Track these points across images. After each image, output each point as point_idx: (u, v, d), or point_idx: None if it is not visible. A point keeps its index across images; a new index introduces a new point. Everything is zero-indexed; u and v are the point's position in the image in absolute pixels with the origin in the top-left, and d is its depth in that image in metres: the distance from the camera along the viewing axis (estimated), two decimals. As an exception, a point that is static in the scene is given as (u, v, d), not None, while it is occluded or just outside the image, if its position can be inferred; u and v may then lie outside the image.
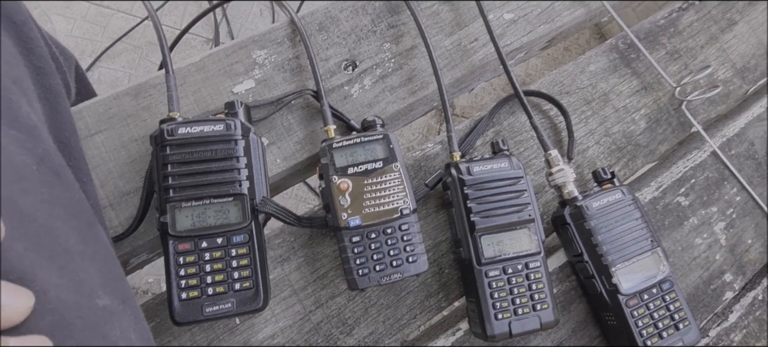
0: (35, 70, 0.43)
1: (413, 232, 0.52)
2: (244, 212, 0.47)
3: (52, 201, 0.34)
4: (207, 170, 0.47)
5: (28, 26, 0.43)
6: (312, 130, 0.58)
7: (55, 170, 0.36)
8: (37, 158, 0.35)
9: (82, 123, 0.53)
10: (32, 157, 0.34)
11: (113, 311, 0.34)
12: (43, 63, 0.44)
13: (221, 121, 0.48)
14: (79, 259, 0.33)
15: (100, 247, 0.37)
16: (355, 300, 0.56)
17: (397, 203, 0.52)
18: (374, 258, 0.51)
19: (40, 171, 0.34)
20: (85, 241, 0.35)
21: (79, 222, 0.36)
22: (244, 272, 0.47)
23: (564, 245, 0.60)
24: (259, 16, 1.69)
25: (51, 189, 0.34)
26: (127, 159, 0.53)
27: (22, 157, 0.33)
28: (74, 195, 0.37)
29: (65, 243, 0.33)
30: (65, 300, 0.30)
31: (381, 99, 0.61)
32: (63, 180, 0.36)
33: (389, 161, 0.52)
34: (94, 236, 0.37)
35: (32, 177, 0.33)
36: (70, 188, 0.37)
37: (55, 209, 0.34)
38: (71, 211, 0.35)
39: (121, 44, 1.67)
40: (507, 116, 0.66)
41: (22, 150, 0.34)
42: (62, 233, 0.33)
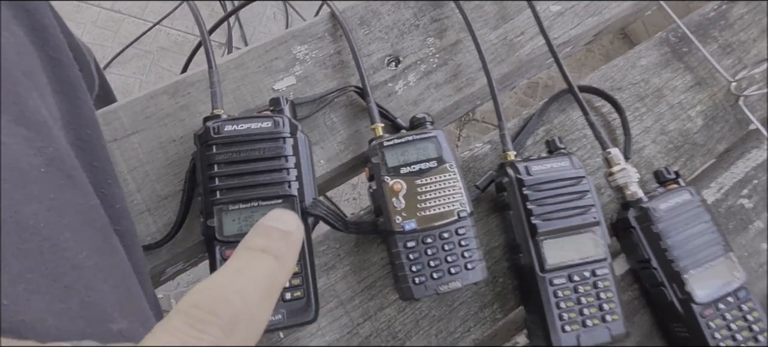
0: (50, 61, 0.40)
1: (470, 236, 0.50)
2: (295, 215, 0.45)
3: (61, 209, 0.31)
4: (255, 170, 0.44)
5: (41, 13, 0.40)
6: (356, 129, 0.56)
7: (68, 172, 0.33)
8: (46, 159, 0.32)
9: (118, 123, 0.51)
10: (41, 157, 0.31)
11: (131, 336, 0.30)
12: (59, 53, 0.41)
13: (268, 118, 0.46)
14: (90, 275, 0.30)
15: (118, 260, 0.34)
16: (405, 311, 0.53)
17: (453, 205, 0.49)
18: (431, 265, 0.48)
19: (49, 174, 0.31)
20: (99, 253, 0.32)
21: (93, 232, 0.32)
22: (295, 280, 0.44)
23: (626, 251, 0.57)
24: (273, 20, 1.68)
25: (61, 194, 0.31)
26: (164, 161, 0.51)
27: (29, 158, 0.30)
28: (88, 201, 0.34)
29: (74, 258, 0.29)
30: (69, 328, 0.27)
31: (426, 96, 0.59)
32: (76, 184, 0.33)
33: (443, 161, 0.50)
34: (110, 248, 0.34)
35: (39, 181, 0.30)
36: (83, 192, 0.34)
37: (65, 217, 0.30)
38: (84, 219, 0.32)
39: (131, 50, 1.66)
40: (557, 114, 0.64)
41: (29, 150, 0.31)
42: (71, 247, 0.30)
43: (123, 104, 0.51)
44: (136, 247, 0.42)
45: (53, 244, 0.29)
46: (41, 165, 0.31)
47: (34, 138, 0.32)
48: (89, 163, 0.40)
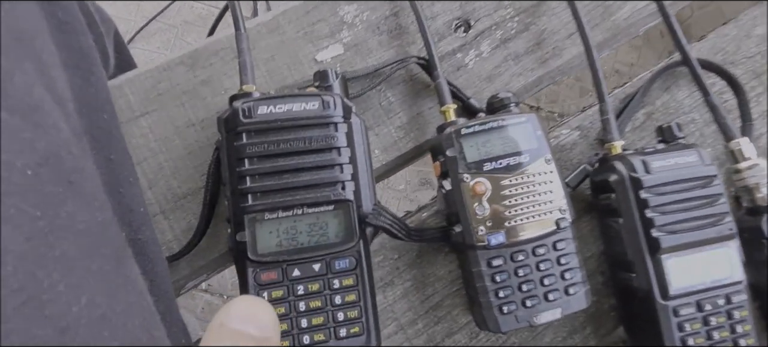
0: (58, 25, 0.30)
1: (572, 252, 0.38)
2: (351, 226, 0.34)
3: (54, 229, 0.21)
4: (298, 166, 0.33)
5: None
6: (418, 111, 0.44)
7: (67, 175, 0.23)
8: (37, 156, 0.21)
9: (123, 102, 0.40)
10: (29, 154, 0.21)
11: None
12: (69, 17, 0.31)
13: (315, 96, 0.35)
14: (90, 335, 0.20)
15: (134, 298, 0.24)
16: (478, 338, 0.42)
17: (551, 212, 0.37)
18: (523, 290, 0.37)
19: (40, 178, 0.21)
20: (108, 294, 0.22)
21: (100, 262, 0.22)
22: (352, 312, 0.33)
23: (754, 266, 0.44)
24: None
25: (54, 209, 0.21)
26: (182, 150, 0.40)
27: (9, 156, 0.20)
28: (95, 216, 0.23)
29: (68, 305, 0.20)
30: None
31: (503, 70, 0.47)
32: (78, 192, 0.23)
33: (538, 154, 0.38)
34: (123, 281, 0.23)
35: (21, 191, 0.20)
36: (87, 203, 0.23)
37: (56, 248, 0.20)
38: (86, 245, 0.22)
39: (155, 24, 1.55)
40: (659, 94, 0.51)
41: (11, 143, 0.21)
42: (62, 297, 0.20)
43: (129, 78, 0.40)
44: (160, 260, 0.32)
45: (38, 286, 0.19)
46: (28, 165, 0.21)
47: (18, 127, 0.21)
48: (105, 157, 0.31)
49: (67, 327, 0.19)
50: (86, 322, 0.20)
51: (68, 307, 0.20)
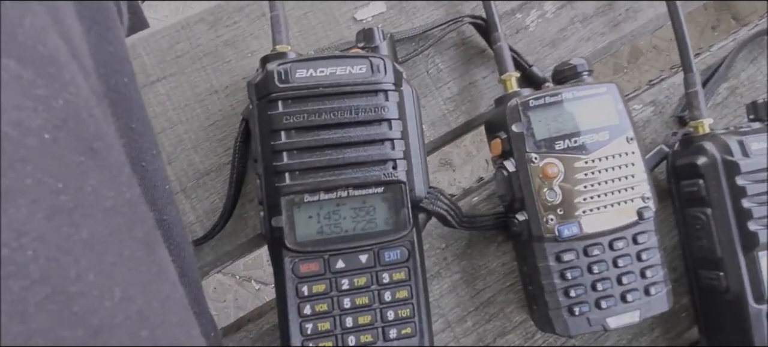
0: None
1: (654, 246, 0.33)
2: (403, 211, 0.29)
3: (78, 206, 0.17)
4: (343, 140, 0.29)
5: None
6: (471, 81, 0.39)
7: (88, 141, 0.19)
8: (55, 117, 0.17)
9: (137, 64, 0.35)
10: (44, 114, 0.17)
11: None
12: None
13: (362, 59, 0.30)
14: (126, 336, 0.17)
15: (169, 291, 0.20)
16: (534, 339, 0.38)
17: (633, 200, 0.33)
18: (597, 289, 0.32)
19: (59, 143, 0.17)
20: (143, 286, 0.18)
21: (132, 246, 0.18)
22: (403, 310, 0.29)
23: None
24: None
25: (78, 180, 0.17)
26: (204, 121, 0.35)
27: (22, 116, 0.17)
28: (122, 192, 0.19)
29: (100, 299, 0.16)
30: None
31: (569, 34, 0.41)
32: (103, 162, 0.19)
33: (619, 131, 0.33)
34: (157, 270, 0.20)
35: (38, 158, 0.16)
36: (114, 176, 0.19)
37: (84, 221, 0.17)
38: (116, 226, 0.18)
39: (162, -12, 1.50)
40: (744, 66, 0.45)
41: (24, 100, 0.17)
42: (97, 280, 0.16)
43: (143, 37, 0.36)
44: (186, 244, 0.29)
45: (54, 289, 0.15)
46: (45, 129, 0.17)
47: (32, 81, 0.17)
48: (126, 125, 0.27)
49: (101, 327, 0.16)
50: (122, 320, 0.16)
51: (100, 302, 0.16)
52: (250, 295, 1.10)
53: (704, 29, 1.49)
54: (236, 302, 1.16)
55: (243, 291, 1.13)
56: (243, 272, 1.20)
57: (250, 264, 1.14)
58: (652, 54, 1.50)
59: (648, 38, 1.51)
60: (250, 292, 1.10)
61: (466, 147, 1.15)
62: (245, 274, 1.17)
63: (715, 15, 1.52)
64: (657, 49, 1.50)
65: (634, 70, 1.44)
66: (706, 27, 1.50)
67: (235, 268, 1.19)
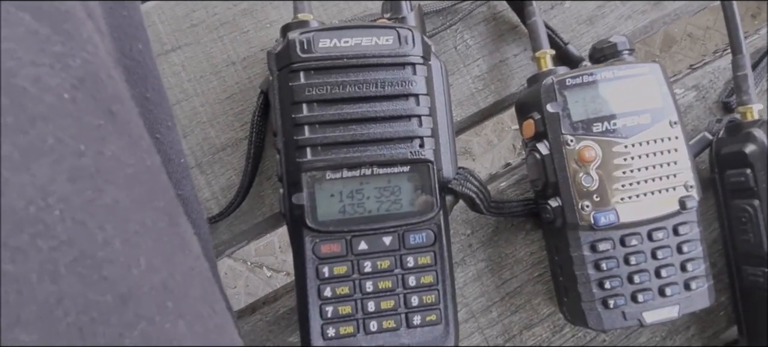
0: None
1: (695, 238, 0.32)
2: (430, 192, 0.28)
3: (101, 170, 0.16)
4: (368, 114, 0.28)
5: None
6: (501, 59, 0.38)
7: (107, 103, 0.18)
8: (72, 76, 0.17)
9: (151, 32, 0.35)
10: (61, 72, 0.16)
11: None
12: None
13: (389, 29, 0.29)
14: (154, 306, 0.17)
15: (193, 263, 0.19)
16: (563, 333, 0.37)
17: (675, 188, 0.31)
18: (634, 281, 0.31)
19: (77, 104, 0.17)
20: (167, 257, 0.18)
21: (154, 217, 0.18)
22: (428, 296, 0.28)
23: None
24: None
25: (99, 144, 0.17)
26: (221, 93, 0.35)
27: (41, 73, 0.16)
28: (143, 159, 0.19)
29: (127, 266, 0.16)
30: None
31: (608, 11, 0.40)
32: (120, 125, 0.18)
33: (661, 115, 0.32)
34: (180, 242, 0.19)
35: (59, 117, 0.16)
36: (134, 142, 0.19)
37: (107, 187, 0.16)
38: (139, 194, 0.18)
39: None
40: (794, 49, 0.43)
41: (39, 58, 0.16)
42: (123, 248, 0.16)
43: (158, 4, 0.35)
44: (202, 221, 0.28)
45: (82, 252, 0.15)
46: (63, 88, 0.16)
47: (48, 37, 0.17)
48: (141, 94, 0.26)
49: (129, 295, 0.15)
50: (148, 290, 0.16)
51: (128, 269, 0.16)
52: (261, 282, 1.10)
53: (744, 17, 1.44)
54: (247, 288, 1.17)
55: (254, 278, 1.13)
56: (254, 258, 1.20)
57: (262, 250, 1.14)
58: (686, 42, 1.46)
59: (683, 26, 1.47)
60: (261, 279, 1.11)
61: (487, 136, 1.13)
62: (257, 260, 1.17)
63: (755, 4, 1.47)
64: (692, 37, 1.46)
65: (667, 60, 1.40)
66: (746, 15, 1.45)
67: (247, 254, 1.19)
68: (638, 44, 1.52)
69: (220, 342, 0.18)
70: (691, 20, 1.46)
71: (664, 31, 1.44)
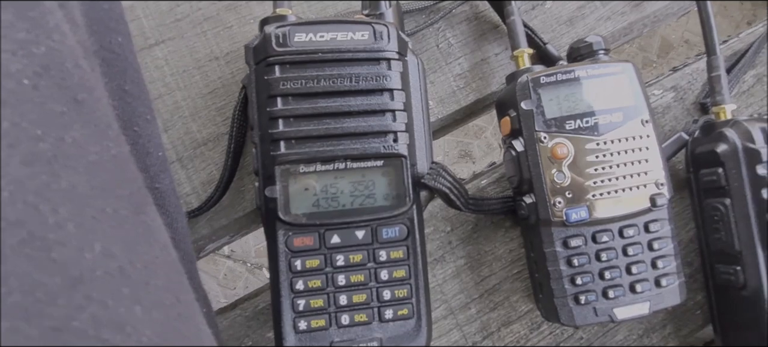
0: None
1: (666, 235, 0.33)
2: (403, 187, 0.29)
3: (59, 156, 0.17)
4: (342, 109, 0.28)
5: None
6: (482, 57, 0.39)
7: (72, 91, 0.19)
8: (35, 64, 0.17)
9: (135, 26, 0.35)
10: (23, 59, 0.17)
11: None
12: None
13: (365, 24, 0.29)
14: (106, 290, 0.17)
15: (157, 252, 0.20)
16: (540, 330, 0.37)
17: (646, 186, 0.32)
18: (605, 277, 0.32)
19: (39, 91, 0.17)
20: (126, 244, 0.18)
21: (117, 204, 0.18)
22: (400, 290, 0.29)
23: None
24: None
25: (59, 130, 0.17)
26: (203, 88, 0.35)
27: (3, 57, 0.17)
28: (109, 147, 0.19)
29: (80, 250, 0.16)
30: None
31: (588, 12, 0.40)
32: (88, 114, 0.19)
33: (634, 113, 0.32)
34: (145, 230, 0.19)
35: (17, 103, 0.16)
36: (100, 130, 0.19)
37: (64, 172, 0.17)
38: (100, 181, 0.18)
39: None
40: (773, 52, 0.44)
41: (2, 43, 0.17)
42: (77, 231, 0.17)
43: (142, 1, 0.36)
44: (180, 215, 0.29)
45: (31, 234, 0.15)
46: (24, 75, 0.17)
47: (10, 23, 0.17)
48: (119, 86, 0.27)
49: (81, 278, 0.15)
50: (102, 274, 0.16)
51: (80, 253, 0.16)
52: (260, 283, 1.10)
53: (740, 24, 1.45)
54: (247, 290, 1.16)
55: (253, 279, 1.13)
56: (254, 259, 1.20)
57: (262, 251, 1.14)
58: (683, 48, 1.47)
59: (680, 32, 1.48)
60: (260, 280, 1.10)
61: (487, 139, 1.14)
62: (256, 262, 1.17)
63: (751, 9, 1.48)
64: (689, 43, 1.47)
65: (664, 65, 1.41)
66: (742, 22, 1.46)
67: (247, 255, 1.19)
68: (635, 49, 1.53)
69: (182, 330, 0.19)
70: (688, 27, 1.47)
71: (662, 36, 1.45)
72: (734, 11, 1.40)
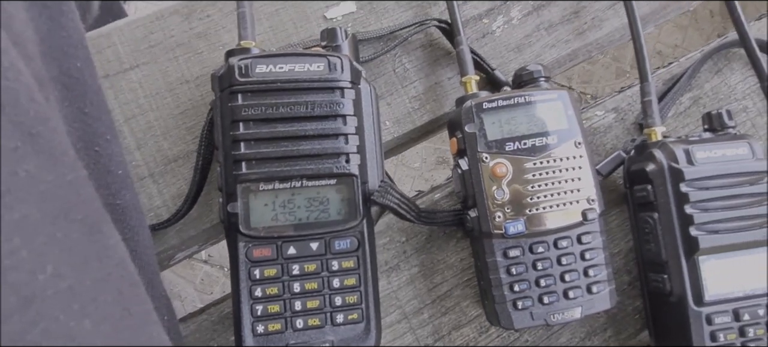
0: None
1: (599, 246, 0.36)
2: (354, 203, 0.32)
3: (12, 189, 0.19)
4: (299, 133, 0.31)
5: None
6: (436, 81, 0.42)
7: (27, 126, 0.20)
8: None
9: (111, 52, 0.38)
10: None
11: None
12: None
13: (321, 57, 0.32)
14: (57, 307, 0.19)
15: (110, 269, 0.22)
16: (489, 334, 0.41)
17: (578, 202, 0.35)
18: (541, 284, 0.35)
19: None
20: (76, 265, 0.20)
21: (67, 228, 0.20)
22: (351, 296, 0.32)
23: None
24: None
25: (13, 165, 0.19)
26: (174, 109, 0.38)
27: None
28: (62, 174, 0.21)
29: (32, 273, 0.19)
30: None
31: (534, 40, 0.44)
32: (40, 146, 0.21)
33: (567, 136, 0.36)
34: (97, 250, 0.22)
35: None
36: (53, 158, 0.21)
37: (17, 204, 0.19)
38: (52, 208, 0.20)
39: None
40: (709, 76, 0.47)
41: None
42: (30, 257, 0.19)
43: (119, 27, 0.38)
44: (142, 228, 0.31)
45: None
46: None
47: None
48: (79, 109, 0.29)
49: (33, 297, 0.18)
50: (53, 293, 0.19)
51: (33, 275, 0.18)
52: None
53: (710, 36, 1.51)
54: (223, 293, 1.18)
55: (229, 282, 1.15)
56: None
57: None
58: (656, 59, 1.52)
59: (652, 44, 1.53)
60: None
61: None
62: (232, 267, 1.19)
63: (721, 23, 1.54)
64: (661, 54, 1.52)
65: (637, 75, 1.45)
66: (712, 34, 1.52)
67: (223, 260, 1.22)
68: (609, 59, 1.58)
69: (132, 340, 0.21)
70: (660, 38, 1.52)
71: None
72: (705, 24, 1.46)
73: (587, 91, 1.42)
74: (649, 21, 0.49)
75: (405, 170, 1.27)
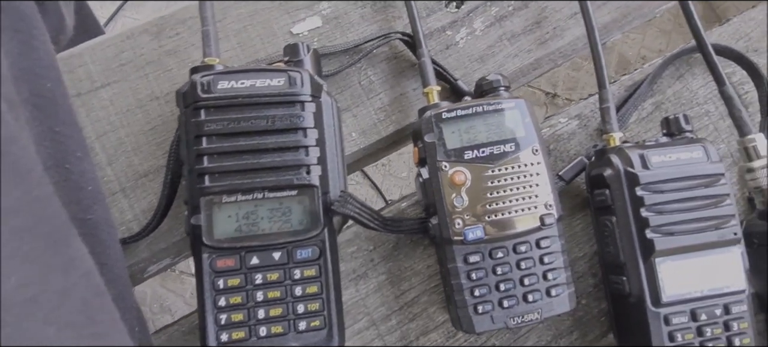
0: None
1: (557, 251, 0.37)
2: (315, 213, 0.33)
3: None
4: (260, 146, 0.33)
5: None
6: (401, 92, 0.43)
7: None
8: None
9: (83, 71, 0.39)
10: None
11: None
12: None
13: (281, 72, 0.34)
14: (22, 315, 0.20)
15: (75, 280, 0.23)
16: (456, 338, 0.42)
17: (536, 207, 0.36)
18: (501, 289, 0.36)
19: None
20: (42, 277, 0.21)
21: (35, 242, 0.22)
22: (313, 304, 0.33)
23: (761, 274, 0.43)
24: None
25: None
26: (145, 125, 0.39)
27: None
28: (29, 191, 0.22)
29: None
30: None
31: (497, 51, 0.45)
32: (8, 164, 0.22)
33: (525, 143, 0.37)
34: (63, 262, 0.23)
35: None
36: (20, 177, 0.22)
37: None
38: (17, 222, 0.21)
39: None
40: (671, 82, 0.49)
41: None
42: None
43: (90, 47, 0.40)
44: (113, 242, 0.32)
45: None
46: None
47: None
48: (49, 128, 0.30)
49: None
50: (19, 302, 0.20)
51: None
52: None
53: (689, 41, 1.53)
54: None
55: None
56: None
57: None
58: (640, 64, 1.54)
59: (636, 49, 1.55)
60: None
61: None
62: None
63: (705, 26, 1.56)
64: (646, 59, 1.54)
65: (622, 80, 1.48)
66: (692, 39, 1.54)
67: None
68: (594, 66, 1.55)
69: (96, 342, 0.22)
70: (644, 44, 1.55)
71: (619, 53, 1.53)
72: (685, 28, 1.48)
73: (572, 97, 1.43)
74: (613, 28, 0.50)
75: (392, 180, 1.29)
